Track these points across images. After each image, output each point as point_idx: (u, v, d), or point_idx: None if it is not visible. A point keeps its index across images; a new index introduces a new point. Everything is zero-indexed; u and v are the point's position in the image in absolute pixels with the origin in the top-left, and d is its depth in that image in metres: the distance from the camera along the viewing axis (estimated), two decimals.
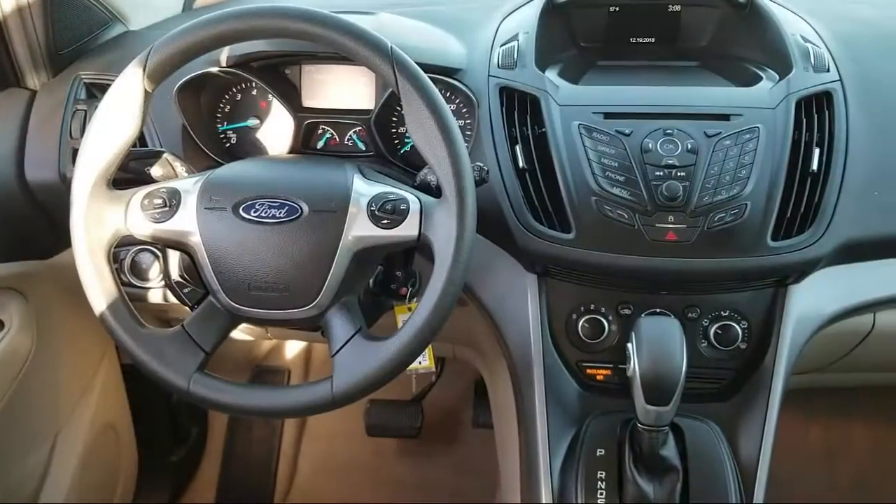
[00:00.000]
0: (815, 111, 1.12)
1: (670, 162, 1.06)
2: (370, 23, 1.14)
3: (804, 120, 1.11)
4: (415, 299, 1.14)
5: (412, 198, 0.96)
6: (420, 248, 0.97)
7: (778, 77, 1.17)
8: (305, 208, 0.95)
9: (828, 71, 1.16)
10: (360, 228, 0.95)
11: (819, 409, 2.01)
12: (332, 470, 2.11)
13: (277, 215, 0.95)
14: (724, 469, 1.05)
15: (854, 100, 1.14)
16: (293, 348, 2.23)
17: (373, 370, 0.92)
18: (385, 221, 0.95)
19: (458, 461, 2.08)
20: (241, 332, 1.61)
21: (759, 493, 1.07)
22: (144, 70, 0.95)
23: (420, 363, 1.16)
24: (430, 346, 1.11)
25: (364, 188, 0.98)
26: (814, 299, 1.12)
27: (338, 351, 0.95)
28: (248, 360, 2.21)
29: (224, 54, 1.21)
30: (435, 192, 0.98)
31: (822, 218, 1.07)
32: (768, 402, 1.10)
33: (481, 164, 1.02)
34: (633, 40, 1.37)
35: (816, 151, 1.09)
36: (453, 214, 0.91)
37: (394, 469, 2.10)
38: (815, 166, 1.08)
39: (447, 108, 0.93)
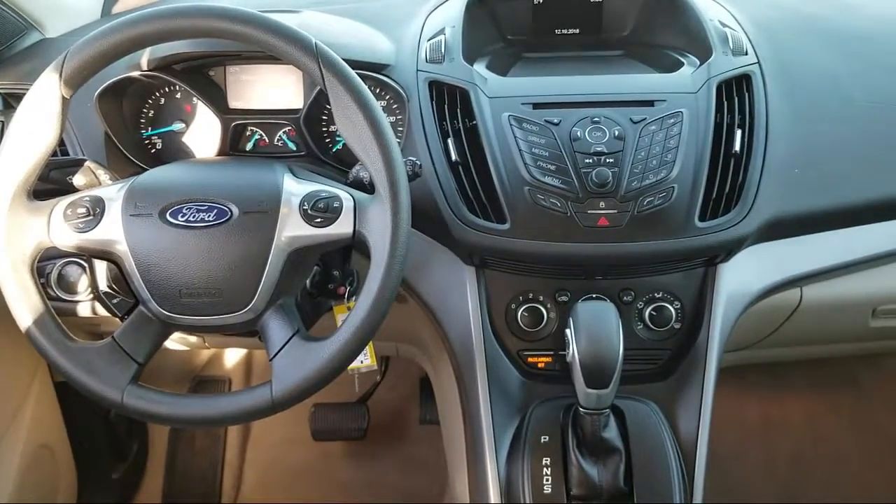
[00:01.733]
0: (735, 93, 1.15)
1: (599, 149, 1.08)
2: (294, 20, 1.13)
3: (725, 103, 1.14)
4: (354, 298, 1.13)
5: (345, 195, 0.96)
6: (356, 245, 0.96)
7: (699, 62, 1.20)
8: (235, 210, 0.94)
9: (746, 54, 1.19)
10: (293, 228, 0.94)
11: (755, 385, 2.07)
12: (279, 477, 2.08)
13: (206, 219, 0.93)
14: (665, 447, 1.07)
15: (772, 81, 1.18)
16: (233, 356, 2.20)
17: (312, 372, 0.91)
18: (318, 220, 0.94)
19: (407, 459, 2.08)
20: (177, 343, 1.58)
21: (699, 469, 1.10)
22: (61, 76, 0.92)
23: (362, 362, 1.16)
24: (370, 344, 1.11)
25: (295, 187, 0.97)
26: (742, 277, 1.15)
27: (276, 354, 0.94)
28: (187, 371, 2.16)
29: (145, 57, 1.18)
30: (368, 188, 0.98)
31: (747, 197, 1.10)
32: (704, 380, 1.13)
33: (413, 159, 1.02)
34: (558, 32, 1.39)
35: (738, 133, 1.12)
36: (387, 210, 0.91)
37: (342, 472, 2.08)
38: (737, 147, 1.11)
39: (376, 104, 0.93)
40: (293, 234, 0.94)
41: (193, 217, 0.93)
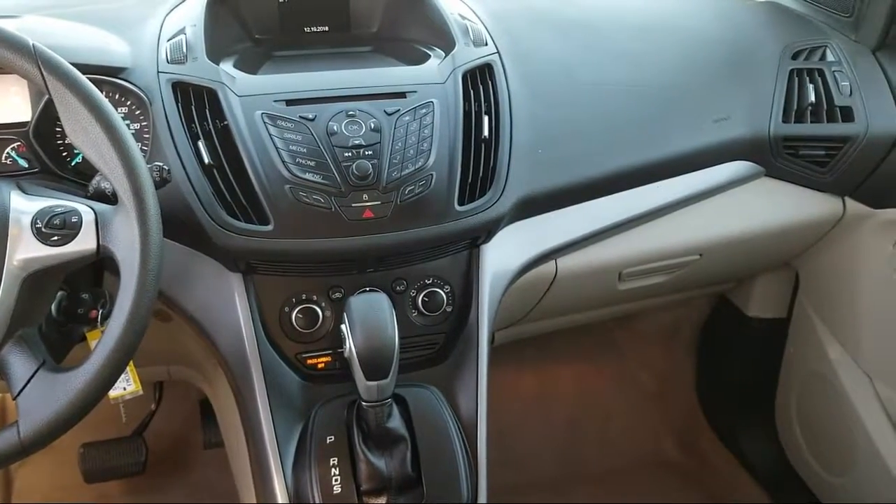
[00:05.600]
0: (480, 82, 1.20)
1: (357, 142, 1.08)
2: (12, 25, 1.02)
3: (472, 91, 1.19)
4: (108, 321, 1.05)
5: (84, 208, 0.88)
6: (103, 262, 0.89)
7: (444, 54, 1.24)
8: None
9: (486, 45, 1.25)
10: (26, 250, 0.85)
11: (529, 358, 2.19)
12: None
13: None
14: (448, 429, 1.10)
15: (511, 69, 1.25)
16: None
17: (64, 405, 0.83)
18: (55, 238, 0.86)
19: (193, 487, 1.97)
20: None
21: (481, 446, 1.13)
22: None
23: (125, 389, 1.07)
24: (132, 367, 1.04)
25: (25, 205, 0.88)
26: (503, 255, 1.21)
27: (20, 392, 0.84)
28: None
29: None
30: (112, 199, 0.91)
31: (499, 179, 1.16)
32: (478, 358, 1.17)
33: (160, 164, 0.96)
34: (307, 30, 1.38)
35: (486, 119, 1.17)
36: (133, 219, 0.85)
37: None
38: (486, 133, 1.16)
39: (109, 107, 0.87)
40: (27, 256, 0.85)
41: None
